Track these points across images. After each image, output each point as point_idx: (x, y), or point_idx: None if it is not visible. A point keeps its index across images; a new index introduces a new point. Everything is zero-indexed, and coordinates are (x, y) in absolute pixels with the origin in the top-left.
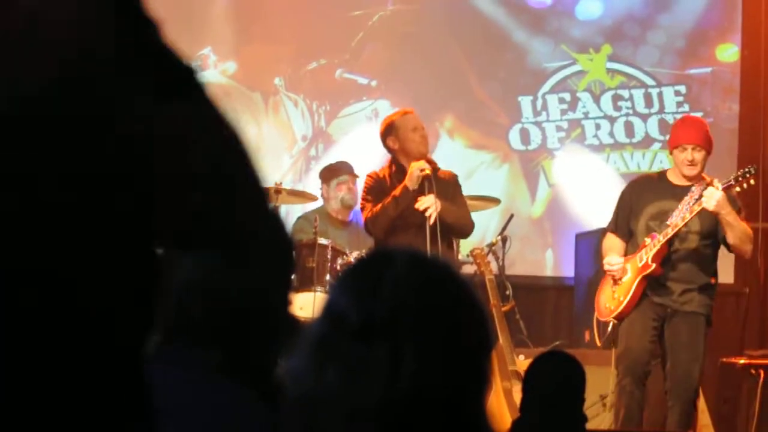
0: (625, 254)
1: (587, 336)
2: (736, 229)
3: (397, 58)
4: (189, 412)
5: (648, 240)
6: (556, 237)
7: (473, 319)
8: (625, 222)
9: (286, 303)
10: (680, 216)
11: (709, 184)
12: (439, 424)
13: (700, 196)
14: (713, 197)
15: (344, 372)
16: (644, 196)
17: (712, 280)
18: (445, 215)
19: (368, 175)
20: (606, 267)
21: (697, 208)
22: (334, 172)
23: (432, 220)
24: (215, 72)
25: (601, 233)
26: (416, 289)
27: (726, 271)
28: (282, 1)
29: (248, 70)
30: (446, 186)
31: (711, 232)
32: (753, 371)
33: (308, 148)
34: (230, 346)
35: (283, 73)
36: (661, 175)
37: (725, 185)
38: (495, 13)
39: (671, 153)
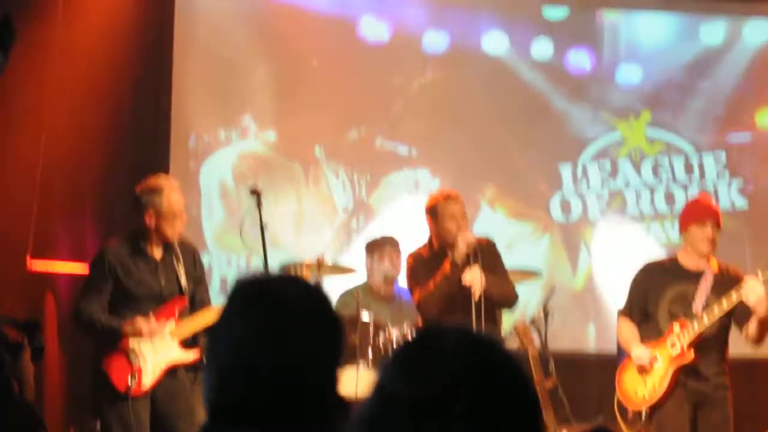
0: (641, 337)
1: (630, 413)
2: (765, 326)
3: (436, 126)
4: None
5: (677, 327)
6: (598, 310)
7: (526, 404)
8: (641, 306)
9: (333, 380)
10: (704, 302)
11: (725, 268)
12: None
13: (725, 280)
14: (755, 293)
15: None
16: (661, 280)
17: (726, 355)
18: (491, 289)
19: (409, 256)
20: (636, 361)
21: (735, 299)
22: (377, 246)
23: (477, 295)
24: (255, 141)
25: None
26: (469, 369)
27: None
28: (321, 71)
29: (288, 140)
30: (486, 256)
31: (729, 313)
32: None
33: (349, 219)
34: (272, 424)
35: (323, 142)
36: (672, 260)
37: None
38: (534, 80)
39: (685, 231)
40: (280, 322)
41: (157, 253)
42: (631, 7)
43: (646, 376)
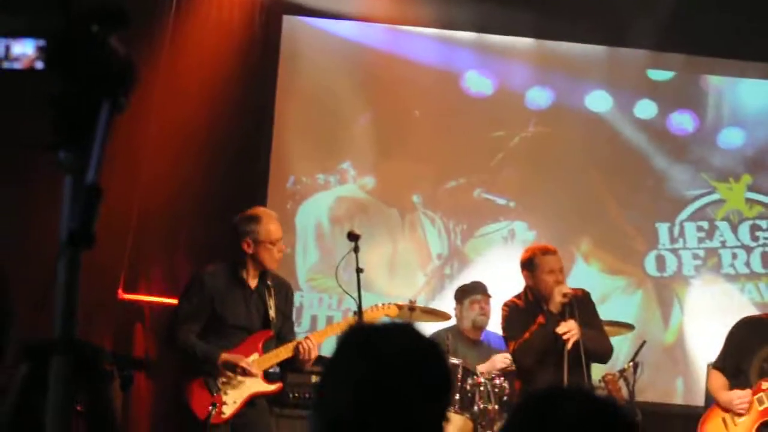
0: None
1: None
2: None
3: (535, 179)
4: None
5: (766, 384)
6: (688, 365)
7: None
8: (735, 361)
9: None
10: None
11: None
12: None
13: None
14: None
15: None
16: (755, 336)
17: None
18: (586, 341)
19: (505, 305)
20: (735, 404)
21: None
22: (467, 292)
23: (570, 345)
24: (354, 186)
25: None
26: None
27: None
28: (424, 120)
29: (387, 186)
30: (582, 306)
31: None
32: None
33: (443, 266)
34: None
35: (422, 190)
36: None
37: None
38: (636, 139)
39: None
40: (391, 374)
41: (253, 283)
42: (736, 75)
43: (731, 427)
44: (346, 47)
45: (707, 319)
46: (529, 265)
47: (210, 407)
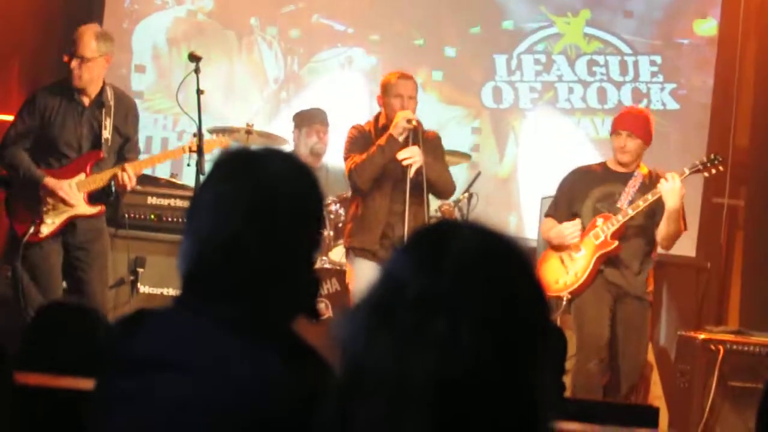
0: None
1: (565, 300)
2: (673, 224)
3: (374, 7)
4: (214, 365)
5: (600, 220)
6: (522, 198)
7: (537, 300)
8: (567, 206)
9: (312, 259)
10: (630, 199)
11: (654, 173)
12: (494, 406)
13: (653, 183)
14: (671, 186)
15: (397, 342)
16: (588, 181)
17: (653, 255)
18: (429, 171)
19: (353, 127)
20: (567, 233)
21: (651, 198)
22: (306, 119)
23: (413, 172)
24: (192, 7)
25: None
26: (482, 265)
27: (687, 244)
28: None
29: (224, 8)
30: (430, 144)
31: (655, 211)
32: (712, 347)
33: (279, 90)
34: (246, 299)
35: (259, 13)
36: (601, 164)
37: (692, 170)
38: None
39: (610, 137)
40: (263, 196)
41: (86, 100)
42: None
43: (570, 263)
44: None
45: (542, 152)
46: (383, 87)
47: (29, 224)
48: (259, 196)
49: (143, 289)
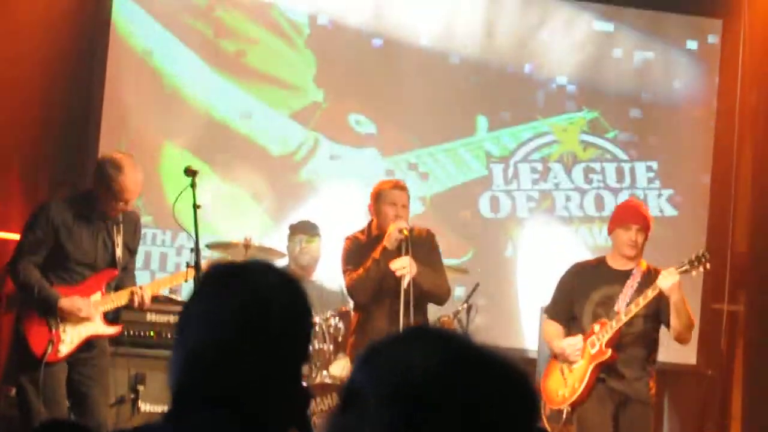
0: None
1: (547, 410)
2: (683, 316)
3: (371, 108)
4: None
5: (597, 327)
6: (521, 308)
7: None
8: (566, 308)
9: (300, 371)
10: (627, 301)
11: (653, 269)
12: None
13: (651, 280)
14: (670, 281)
15: None
16: (587, 282)
17: (652, 357)
18: (422, 281)
19: (347, 239)
20: (562, 352)
21: (651, 293)
22: (300, 230)
23: (405, 283)
24: None
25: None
26: (446, 362)
27: (688, 352)
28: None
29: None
30: (422, 246)
31: (655, 313)
32: None
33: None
34: (236, 410)
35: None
36: (600, 260)
37: (681, 270)
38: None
39: (612, 233)
40: (253, 309)
41: (100, 219)
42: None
43: (568, 375)
44: None
45: (541, 261)
46: (374, 197)
47: (47, 344)
48: (250, 309)
49: (144, 407)
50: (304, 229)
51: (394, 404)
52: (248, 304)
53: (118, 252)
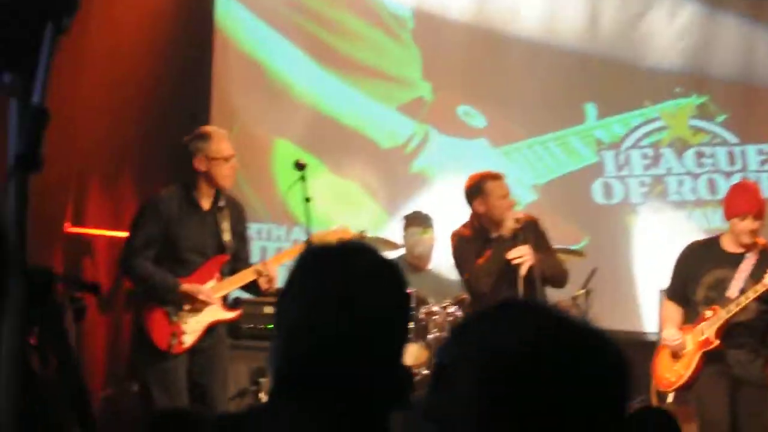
0: (684, 320)
1: (654, 393)
2: None
3: (484, 97)
4: None
5: (709, 313)
6: (639, 292)
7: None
8: (682, 289)
9: (401, 352)
10: (741, 286)
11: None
12: None
13: (765, 262)
14: None
15: None
16: (700, 264)
17: (766, 340)
18: (540, 265)
19: (453, 235)
20: (664, 342)
21: (760, 289)
22: (410, 222)
23: (524, 270)
24: None
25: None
26: (541, 335)
27: None
28: None
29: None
30: (532, 233)
31: (767, 300)
32: None
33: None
34: (338, 395)
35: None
36: (714, 241)
37: None
38: None
39: (728, 220)
40: (352, 290)
41: (206, 203)
42: None
43: (677, 360)
44: None
45: (656, 246)
46: (478, 191)
47: (170, 337)
48: (345, 291)
49: (266, 399)
50: (418, 221)
51: (482, 384)
52: (343, 286)
53: (226, 237)
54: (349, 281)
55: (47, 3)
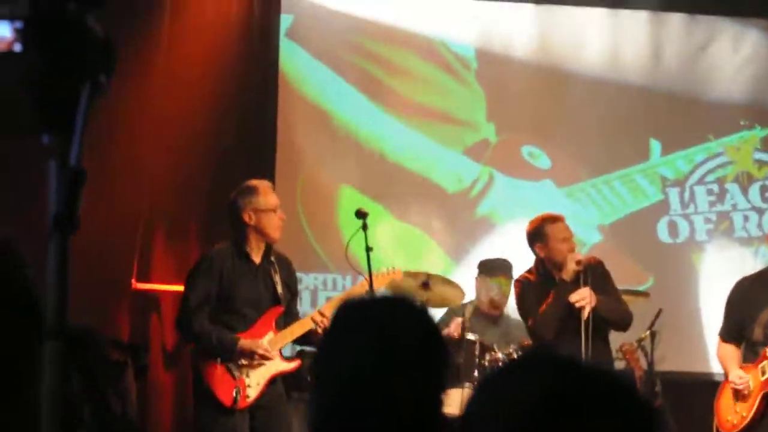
0: (743, 359)
1: None
2: None
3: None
4: None
5: None
6: (706, 332)
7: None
8: (738, 328)
9: (438, 405)
10: None
11: None
12: None
13: None
14: None
15: None
16: (755, 301)
17: None
18: (603, 309)
19: (517, 281)
20: (732, 385)
21: None
22: (490, 269)
23: (586, 314)
24: None
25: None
26: (549, 399)
27: None
28: None
29: None
30: (595, 275)
31: None
32: None
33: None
34: None
35: None
36: (762, 274)
37: None
38: None
39: None
40: (386, 343)
41: (257, 257)
42: None
43: (739, 402)
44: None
45: (724, 284)
46: (539, 235)
47: (234, 392)
48: (380, 343)
49: None
50: (502, 269)
51: None
52: (378, 339)
53: (280, 289)
54: (381, 334)
55: (84, 63)
